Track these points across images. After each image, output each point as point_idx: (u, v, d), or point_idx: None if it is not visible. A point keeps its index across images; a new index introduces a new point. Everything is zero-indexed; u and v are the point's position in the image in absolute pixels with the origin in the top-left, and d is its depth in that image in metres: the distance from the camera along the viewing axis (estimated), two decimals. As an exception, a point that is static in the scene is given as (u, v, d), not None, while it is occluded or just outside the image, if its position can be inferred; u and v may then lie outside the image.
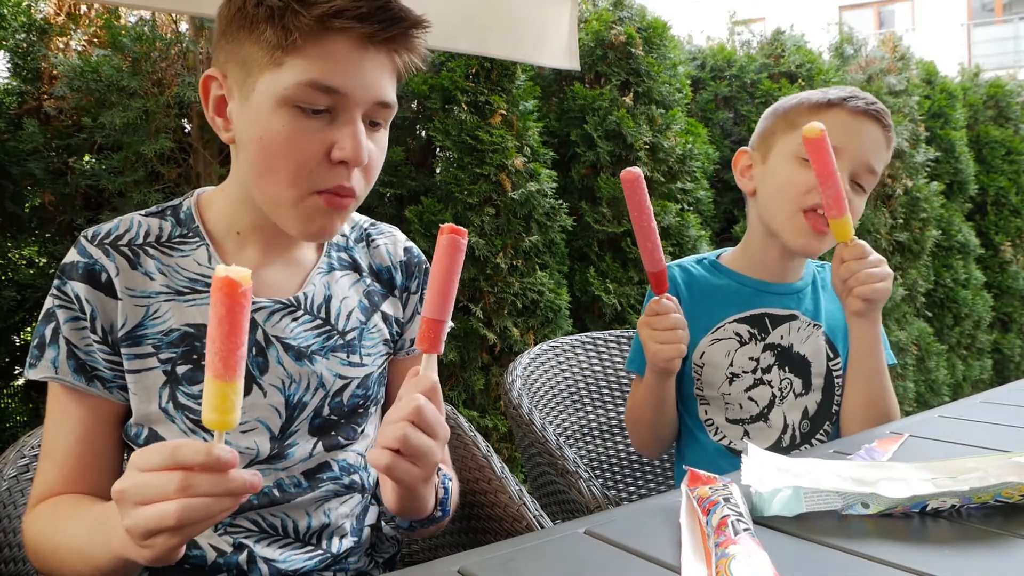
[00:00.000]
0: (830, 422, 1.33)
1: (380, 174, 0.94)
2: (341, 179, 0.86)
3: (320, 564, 0.97)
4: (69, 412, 0.90)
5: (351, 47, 0.84)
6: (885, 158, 1.29)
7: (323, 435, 0.98)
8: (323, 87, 0.83)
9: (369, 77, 0.85)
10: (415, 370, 0.80)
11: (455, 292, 0.81)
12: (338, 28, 0.82)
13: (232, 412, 0.66)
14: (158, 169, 2.26)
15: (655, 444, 1.36)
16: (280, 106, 0.84)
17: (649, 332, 1.16)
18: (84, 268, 0.89)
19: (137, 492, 0.66)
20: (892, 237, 3.95)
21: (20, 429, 2.20)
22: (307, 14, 0.81)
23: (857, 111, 1.25)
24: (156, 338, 0.90)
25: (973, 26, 18.12)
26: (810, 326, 1.33)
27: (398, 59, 0.89)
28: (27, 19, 2.27)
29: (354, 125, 0.85)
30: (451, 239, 0.79)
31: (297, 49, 0.82)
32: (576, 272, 2.92)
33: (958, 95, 4.43)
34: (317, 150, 0.85)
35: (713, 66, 3.75)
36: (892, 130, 1.29)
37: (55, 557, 0.83)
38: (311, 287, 0.99)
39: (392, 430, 0.76)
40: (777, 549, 0.63)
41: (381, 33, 0.84)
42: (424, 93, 2.68)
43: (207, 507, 0.65)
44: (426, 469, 0.79)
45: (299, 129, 0.84)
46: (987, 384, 4.40)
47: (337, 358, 0.99)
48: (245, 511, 0.93)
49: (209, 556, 0.92)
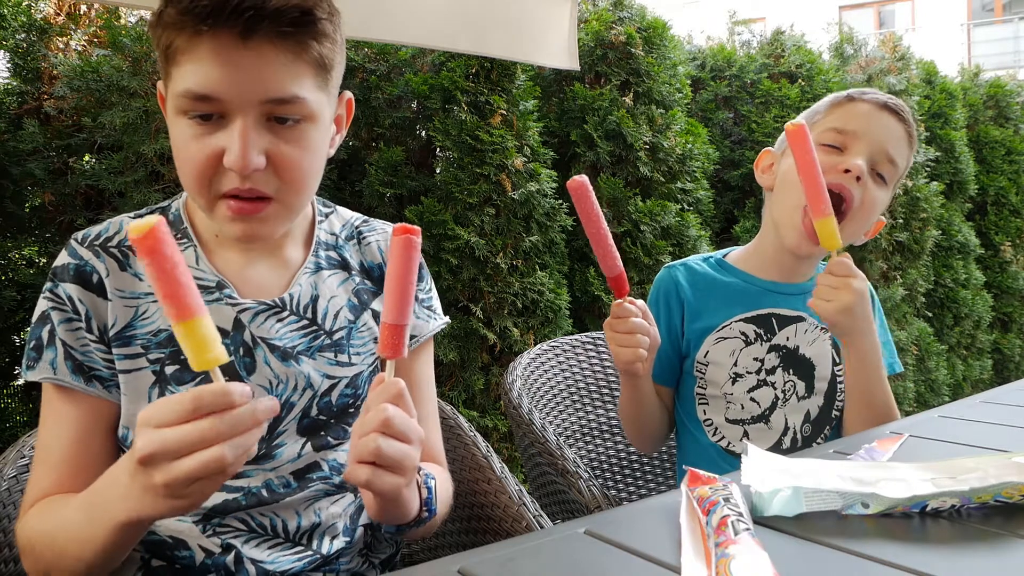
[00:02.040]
0: (830, 427, 1.33)
1: (380, 174, 0.94)
2: (233, 182, 0.84)
3: (309, 565, 0.96)
4: (64, 414, 0.89)
5: (219, 49, 0.80)
6: (906, 153, 1.28)
7: (312, 435, 0.97)
8: (197, 96, 0.81)
9: (249, 76, 0.81)
10: (380, 377, 0.80)
11: (413, 294, 0.80)
12: (204, 32, 0.79)
13: (212, 347, 0.68)
14: (158, 169, 2.25)
15: (645, 440, 1.38)
16: (175, 116, 0.84)
17: (611, 334, 1.16)
18: (75, 270, 0.89)
19: (171, 447, 0.67)
20: (892, 237, 3.95)
21: (20, 429, 2.20)
22: (176, 23, 0.80)
23: (876, 103, 1.26)
24: (145, 338, 0.91)
25: (973, 26, 18.11)
26: (817, 329, 1.32)
27: (301, 49, 0.83)
28: (27, 19, 2.27)
29: (237, 129, 0.82)
30: (405, 240, 0.77)
31: (174, 58, 0.82)
32: (576, 272, 2.92)
33: (958, 95, 4.43)
34: (210, 155, 0.83)
35: (713, 66, 3.75)
36: (913, 128, 1.29)
37: (52, 549, 0.82)
38: (297, 287, 0.98)
39: (365, 443, 0.75)
40: (777, 549, 0.63)
41: (245, 27, 0.79)
42: (424, 93, 2.68)
43: (244, 442, 0.68)
44: (406, 475, 0.78)
45: (191, 137, 0.83)
46: (987, 384, 4.40)
47: (324, 358, 0.98)
48: (233, 511, 0.93)
49: (197, 557, 0.92)
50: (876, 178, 1.25)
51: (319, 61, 0.85)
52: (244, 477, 0.93)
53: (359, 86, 2.66)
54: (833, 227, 1.09)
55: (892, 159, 1.25)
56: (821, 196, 1.09)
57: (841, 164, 1.22)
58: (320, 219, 1.05)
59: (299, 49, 0.83)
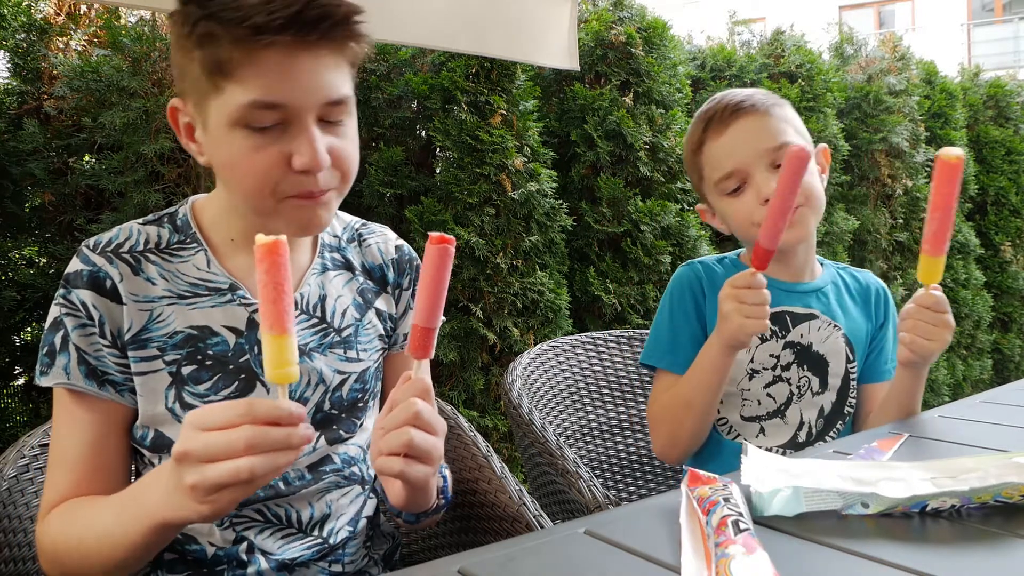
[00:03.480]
0: (842, 421, 1.34)
1: (380, 174, 0.95)
2: (308, 185, 0.87)
3: (317, 554, 0.99)
4: (79, 418, 0.91)
5: (282, 57, 0.82)
6: (786, 127, 1.25)
7: (325, 429, 1.00)
8: (266, 104, 0.83)
9: (310, 81, 0.84)
10: (407, 375, 0.82)
11: (444, 299, 0.82)
12: (264, 43, 0.81)
13: (288, 364, 0.71)
14: (158, 169, 2.25)
15: (691, 440, 1.27)
16: (232, 128, 0.84)
17: (736, 305, 1.11)
18: (89, 276, 0.90)
19: (204, 451, 0.69)
20: (892, 237, 3.95)
21: (20, 429, 2.20)
22: (229, 36, 0.80)
23: (722, 124, 1.26)
24: (161, 340, 0.92)
25: (973, 26, 18.11)
26: (830, 326, 1.33)
27: (344, 50, 0.88)
28: (27, 19, 2.27)
29: (307, 132, 0.85)
30: (441, 249, 0.79)
31: (231, 72, 0.82)
32: (576, 272, 2.92)
33: (958, 95, 4.43)
34: (277, 162, 0.85)
35: (713, 66, 3.75)
36: (764, 98, 1.27)
37: (78, 551, 0.83)
38: (306, 288, 1.01)
39: (397, 436, 0.79)
40: (777, 549, 0.63)
41: (308, 36, 0.82)
42: (424, 93, 2.68)
43: (275, 461, 0.69)
44: (434, 464, 0.82)
45: (255, 146, 0.84)
46: (987, 384, 4.40)
47: (335, 354, 1.01)
48: (251, 503, 0.95)
49: (208, 550, 0.94)
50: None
51: (354, 60, 0.90)
52: None
53: (359, 86, 2.65)
54: (940, 266, 1.04)
55: (779, 146, 1.23)
56: (945, 236, 1.02)
57: (759, 204, 1.22)
58: None
59: (344, 50, 0.87)
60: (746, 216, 1.26)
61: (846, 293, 1.38)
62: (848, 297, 1.38)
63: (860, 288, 1.40)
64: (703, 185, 1.33)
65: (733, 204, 1.27)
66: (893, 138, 3.90)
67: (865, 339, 1.36)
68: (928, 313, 1.09)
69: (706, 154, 1.30)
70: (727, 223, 1.32)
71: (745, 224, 1.27)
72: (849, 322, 1.35)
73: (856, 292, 1.39)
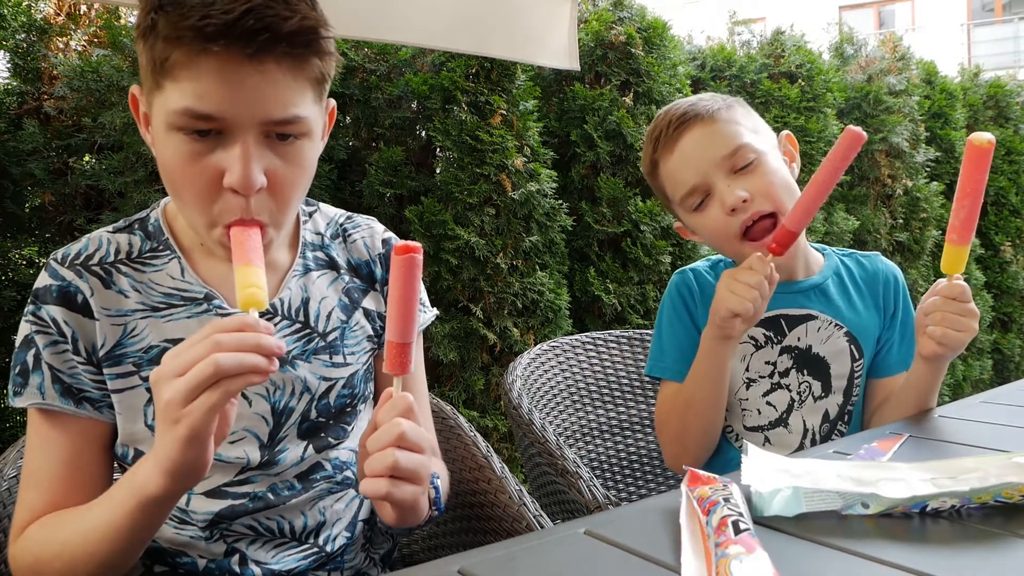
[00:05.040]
0: (843, 422, 1.30)
1: (380, 174, 0.93)
2: (239, 211, 0.80)
3: (314, 563, 0.96)
4: (53, 438, 0.87)
5: (220, 66, 0.75)
6: (737, 128, 1.20)
7: (312, 438, 0.97)
8: (198, 115, 0.77)
9: (251, 96, 0.77)
10: (388, 392, 0.79)
11: (417, 311, 0.81)
12: (199, 49, 0.75)
13: (255, 286, 0.75)
14: (158, 169, 2.25)
15: (698, 442, 1.25)
16: (169, 131, 0.80)
17: (728, 281, 1.09)
18: (58, 291, 0.87)
19: (175, 365, 0.68)
20: (892, 237, 3.95)
21: (20, 429, 2.20)
22: (172, 34, 0.75)
23: (673, 139, 1.22)
24: (136, 356, 0.89)
25: (973, 26, 18.12)
26: (831, 326, 1.28)
27: (303, 66, 0.80)
28: (27, 19, 2.27)
29: (242, 148, 0.78)
30: (408, 259, 0.76)
31: (169, 72, 0.77)
32: (576, 272, 2.92)
33: (958, 95, 4.43)
34: (210, 175, 0.80)
35: (713, 66, 3.75)
36: (713, 103, 1.22)
37: (61, 558, 0.80)
38: (287, 291, 0.97)
39: (381, 458, 0.75)
40: (777, 549, 0.63)
41: (246, 48, 0.75)
42: (424, 93, 2.68)
43: (239, 359, 0.67)
44: (422, 483, 0.79)
45: (189, 154, 0.79)
46: (987, 384, 4.40)
47: (319, 360, 0.97)
48: (240, 516, 0.92)
49: (199, 563, 0.92)
50: (743, 166, 1.19)
51: (320, 77, 0.84)
52: (249, 483, 0.93)
53: (359, 86, 2.66)
54: (964, 255, 1.03)
55: (733, 151, 1.18)
56: (974, 223, 1.01)
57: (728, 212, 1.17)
58: (304, 219, 1.03)
59: (303, 67, 0.80)
60: (718, 229, 1.21)
61: (851, 284, 1.32)
62: (853, 289, 1.32)
63: (867, 276, 1.34)
64: (671, 205, 1.29)
65: (702, 219, 1.23)
66: (893, 138, 3.90)
67: (874, 333, 1.31)
68: (955, 304, 1.06)
69: (663, 174, 1.26)
70: (703, 237, 1.28)
71: (720, 237, 1.22)
72: (854, 317, 1.29)
73: (863, 281, 1.33)
